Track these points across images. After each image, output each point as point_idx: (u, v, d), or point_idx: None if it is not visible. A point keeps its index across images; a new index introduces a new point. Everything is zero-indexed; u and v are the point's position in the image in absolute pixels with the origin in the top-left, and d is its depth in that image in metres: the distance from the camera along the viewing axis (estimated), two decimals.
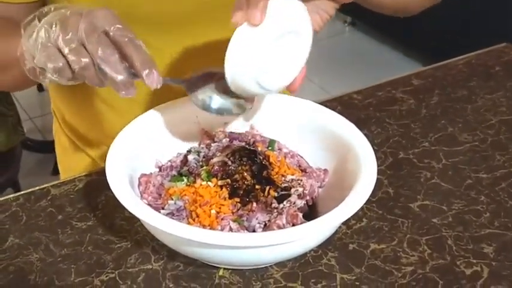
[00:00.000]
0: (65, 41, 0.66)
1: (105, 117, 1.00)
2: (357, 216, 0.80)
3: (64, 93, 1.05)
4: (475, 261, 0.76)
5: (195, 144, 0.84)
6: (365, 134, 0.78)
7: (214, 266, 0.74)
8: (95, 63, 0.66)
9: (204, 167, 0.77)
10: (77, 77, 0.69)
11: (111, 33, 0.66)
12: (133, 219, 0.80)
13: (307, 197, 0.77)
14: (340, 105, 1.02)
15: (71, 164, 1.11)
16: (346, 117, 0.81)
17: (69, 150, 1.11)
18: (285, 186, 0.76)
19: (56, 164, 1.24)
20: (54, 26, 0.67)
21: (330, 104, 0.99)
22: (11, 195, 0.85)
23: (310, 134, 0.83)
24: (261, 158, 0.78)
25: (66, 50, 0.66)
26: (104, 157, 0.75)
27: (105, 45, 0.65)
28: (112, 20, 0.67)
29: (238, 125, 0.85)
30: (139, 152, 0.78)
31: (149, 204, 0.74)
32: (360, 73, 2.93)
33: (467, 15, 2.71)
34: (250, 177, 0.76)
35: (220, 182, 0.75)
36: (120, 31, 0.67)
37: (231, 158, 0.77)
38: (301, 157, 0.83)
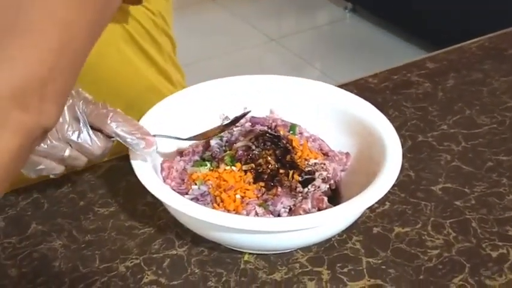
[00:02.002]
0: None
1: None
2: (379, 200, 0.77)
3: None
4: (500, 243, 0.73)
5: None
6: None
7: (239, 251, 0.71)
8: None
9: (228, 152, 0.74)
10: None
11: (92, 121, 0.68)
12: (155, 205, 0.77)
13: (331, 181, 0.74)
14: (356, 89, 0.99)
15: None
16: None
17: None
18: (308, 170, 0.74)
19: None
20: None
21: (346, 87, 0.96)
22: (32, 182, 0.82)
23: (330, 118, 0.80)
24: (285, 142, 0.75)
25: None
26: None
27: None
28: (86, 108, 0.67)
29: (258, 110, 0.82)
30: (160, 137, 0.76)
31: (173, 189, 0.72)
32: (360, 59, 2.91)
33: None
34: (274, 161, 0.73)
35: (244, 167, 0.72)
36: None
37: (255, 143, 0.74)
38: (323, 141, 0.80)
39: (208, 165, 0.74)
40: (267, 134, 0.75)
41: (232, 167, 0.72)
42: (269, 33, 3.21)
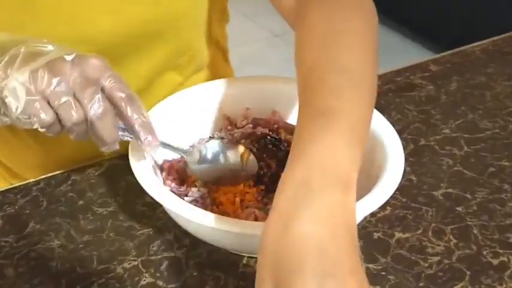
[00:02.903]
0: (55, 94, 0.58)
1: (32, 149, 0.88)
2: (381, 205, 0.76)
3: None
4: (501, 251, 0.71)
5: (217, 130, 0.80)
6: None
7: (238, 254, 0.70)
8: (88, 120, 0.60)
9: None
10: (65, 131, 0.62)
11: (106, 86, 0.60)
12: (154, 205, 0.75)
13: None
14: None
15: None
16: None
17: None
18: None
19: None
20: (42, 72, 0.58)
21: None
22: (31, 180, 0.80)
23: None
24: (286, 145, 0.73)
25: (56, 103, 0.59)
26: None
27: (100, 102, 0.59)
28: (106, 71, 0.60)
29: (260, 111, 0.80)
30: (161, 137, 0.74)
31: (172, 191, 0.70)
32: None
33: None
34: (274, 164, 0.72)
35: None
36: (115, 84, 0.60)
37: (256, 145, 0.72)
38: None
39: None
40: (268, 137, 0.73)
41: None
42: (273, 29, 3.19)
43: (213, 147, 0.71)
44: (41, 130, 0.60)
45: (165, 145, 0.68)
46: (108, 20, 0.75)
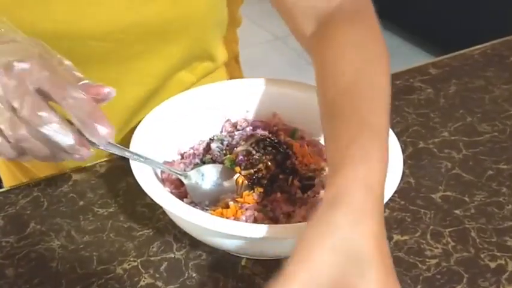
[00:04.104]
0: None
1: None
2: None
3: None
4: (499, 254, 0.71)
5: (217, 132, 0.79)
6: None
7: (237, 256, 0.69)
8: (33, 133, 0.53)
9: (228, 156, 0.72)
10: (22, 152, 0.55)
11: (45, 89, 0.53)
12: (154, 206, 0.75)
13: None
14: None
15: None
16: None
17: (10, 178, 1.00)
18: (308, 176, 0.71)
19: None
20: None
21: None
22: (32, 180, 0.80)
23: None
24: (285, 147, 0.73)
25: None
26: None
27: (40, 108, 0.52)
28: (41, 72, 0.53)
29: (260, 113, 0.80)
30: (161, 139, 0.74)
31: (172, 192, 0.70)
32: None
33: (470, 4, 2.64)
34: (274, 166, 0.71)
35: (243, 172, 0.70)
36: (53, 84, 0.53)
37: (255, 147, 0.72)
38: (323, 146, 0.78)
39: None
40: (268, 139, 0.73)
41: None
42: (275, 31, 3.18)
43: (209, 171, 0.71)
44: None
45: (163, 166, 0.68)
46: (126, 17, 0.75)
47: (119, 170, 0.81)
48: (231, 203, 0.67)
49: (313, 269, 0.45)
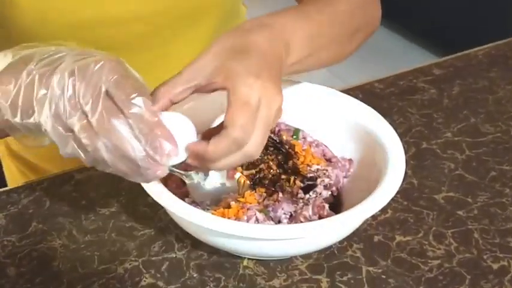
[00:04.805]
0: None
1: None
2: (382, 208, 0.74)
3: None
4: (501, 255, 0.70)
5: None
6: None
7: (239, 256, 0.69)
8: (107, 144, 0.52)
9: None
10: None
11: (112, 92, 0.52)
12: (156, 206, 0.74)
13: (333, 188, 0.72)
14: (362, 93, 0.96)
15: None
16: (369, 106, 0.76)
17: (18, 176, 1.00)
18: (310, 177, 0.71)
19: None
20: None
21: (352, 92, 0.93)
22: (35, 179, 0.80)
23: (334, 123, 0.77)
24: (287, 147, 0.72)
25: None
26: None
27: (112, 114, 0.52)
28: (112, 73, 0.53)
29: None
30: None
31: (173, 192, 0.69)
32: (370, 59, 2.86)
33: (473, 4, 2.63)
34: (276, 166, 0.70)
35: (245, 172, 0.69)
36: (120, 88, 0.52)
37: None
38: (326, 146, 0.77)
39: None
40: (270, 139, 0.72)
41: None
42: None
43: (211, 171, 0.70)
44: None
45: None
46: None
47: None
48: (232, 203, 0.66)
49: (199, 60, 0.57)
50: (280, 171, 0.70)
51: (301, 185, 0.70)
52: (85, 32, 0.77)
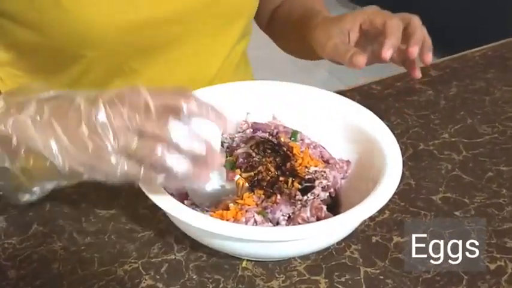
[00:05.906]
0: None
1: None
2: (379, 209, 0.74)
3: None
4: (498, 256, 0.70)
5: None
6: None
7: (238, 257, 0.69)
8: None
9: (228, 158, 0.72)
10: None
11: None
12: (156, 208, 0.73)
13: (331, 189, 0.72)
14: (359, 95, 0.96)
15: None
16: (366, 108, 0.76)
17: None
18: (308, 178, 0.71)
19: None
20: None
21: (350, 94, 0.93)
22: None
23: (331, 125, 0.78)
24: (285, 149, 0.72)
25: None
26: None
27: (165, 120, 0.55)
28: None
29: (260, 115, 0.79)
30: None
31: (172, 194, 0.69)
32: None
33: (471, 5, 2.63)
34: (274, 168, 0.70)
35: (244, 175, 0.69)
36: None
37: (255, 150, 0.71)
38: (324, 148, 0.77)
39: None
40: (268, 141, 0.72)
41: None
42: None
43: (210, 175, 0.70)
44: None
45: None
46: None
47: None
48: (231, 205, 0.66)
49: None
50: (278, 173, 0.70)
51: (299, 186, 0.70)
52: (131, 34, 0.78)
